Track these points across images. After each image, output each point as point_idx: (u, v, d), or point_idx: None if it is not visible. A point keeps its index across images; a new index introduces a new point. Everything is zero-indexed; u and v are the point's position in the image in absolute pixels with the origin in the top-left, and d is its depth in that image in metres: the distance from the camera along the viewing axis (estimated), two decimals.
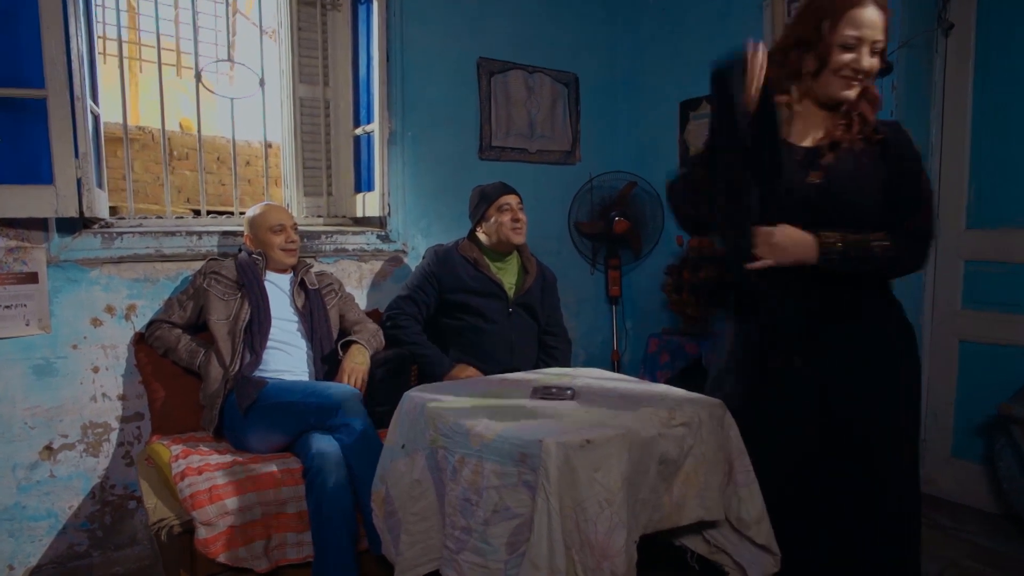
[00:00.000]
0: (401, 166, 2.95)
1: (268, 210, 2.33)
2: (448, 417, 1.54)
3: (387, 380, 2.18)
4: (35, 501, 2.18)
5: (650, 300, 3.61)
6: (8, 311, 2.10)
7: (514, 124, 3.31)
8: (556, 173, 3.47)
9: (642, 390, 1.77)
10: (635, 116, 3.64)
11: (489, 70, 3.20)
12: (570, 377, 1.93)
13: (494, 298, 2.53)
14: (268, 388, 1.98)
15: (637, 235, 3.52)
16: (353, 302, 2.49)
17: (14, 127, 2.03)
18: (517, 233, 2.53)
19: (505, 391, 1.75)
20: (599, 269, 3.67)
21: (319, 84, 2.96)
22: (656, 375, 3.20)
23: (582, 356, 3.64)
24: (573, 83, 3.51)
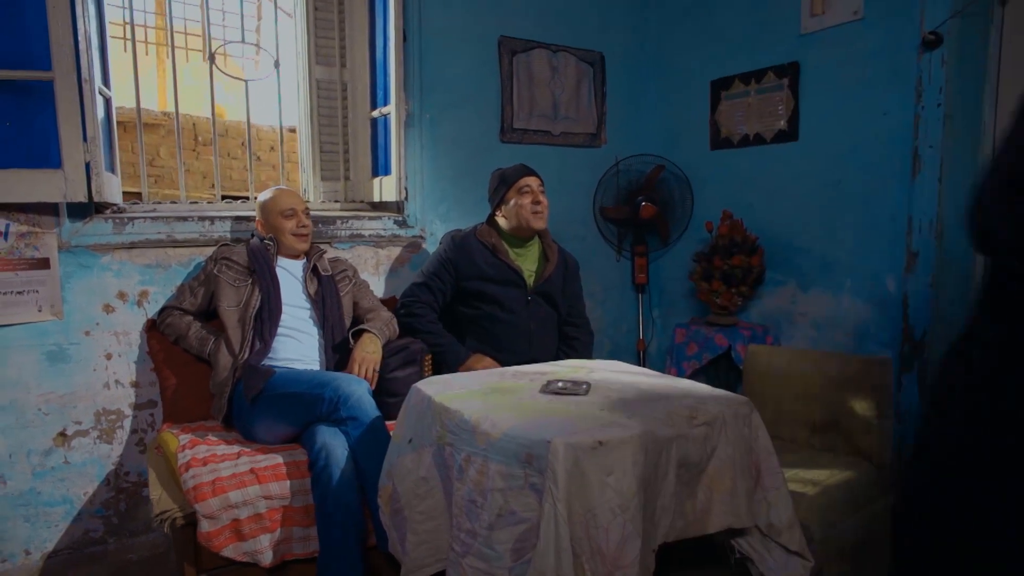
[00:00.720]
0: (419, 149, 2.87)
1: (279, 194, 2.27)
2: (454, 412, 1.46)
3: (400, 370, 2.11)
4: (50, 487, 2.18)
5: (678, 288, 3.48)
6: (20, 297, 2.09)
7: (537, 105, 3.19)
8: (581, 156, 3.35)
9: (663, 385, 1.66)
10: (663, 97, 3.49)
11: (511, 49, 3.09)
12: (587, 370, 1.83)
13: (512, 286, 2.43)
14: (275, 378, 1.93)
15: (665, 220, 3.39)
16: (367, 289, 2.43)
17: (22, 110, 2.00)
18: (537, 217, 2.42)
19: (516, 384, 1.67)
20: (625, 256, 3.55)
21: (336, 65, 2.88)
22: (683, 366, 3.08)
23: (607, 345, 3.53)
24: (599, 62, 3.37)
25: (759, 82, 3.00)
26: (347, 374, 1.93)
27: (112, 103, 2.31)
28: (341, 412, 1.76)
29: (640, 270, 3.49)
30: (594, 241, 3.44)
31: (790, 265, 2.94)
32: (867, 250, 2.64)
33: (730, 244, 2.95)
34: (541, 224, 2.43)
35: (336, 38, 2.88)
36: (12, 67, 1.96)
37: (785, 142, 2.91)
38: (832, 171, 2.74)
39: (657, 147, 3.49)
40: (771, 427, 2.30)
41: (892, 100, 2.51)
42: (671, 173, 3.36)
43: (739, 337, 2.89)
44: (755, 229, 2.98)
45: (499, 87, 3.06)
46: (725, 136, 3.18)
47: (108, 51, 2.29)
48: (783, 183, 2.94)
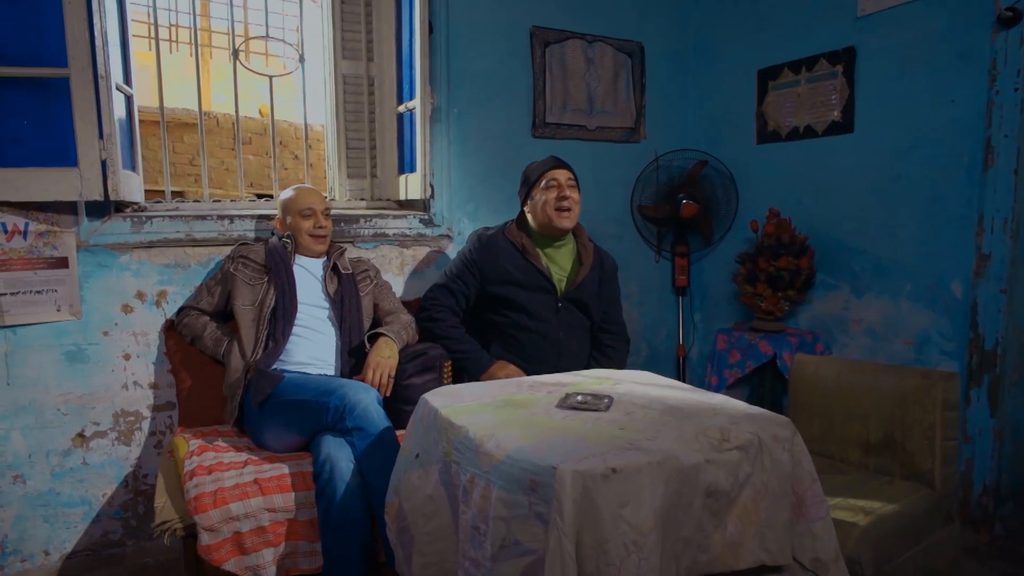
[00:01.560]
0: (446, 145, 2.76)
1: (299, 193, 2.20)
2: (459, 428, 1.34)
3: (416, 377, 2.00)
4: (69, 488, 2.17)
5: (721, 291, 3.28)
6: (39, 296, 2.07)
7: (571, 98, 3.05)
8: (618, 152, 3.19)
9: (694, 401, 1.50)
10: (707, 88, 3.29)
11: (544, 40, 2.95)
12: (612, 382, 1.69)
13: (541, 292, 2.23)
14: (284, 383, 1.85)
15: (707, 219, 3.20)
16: (389, 290, 2.33)
17: (40, 108, 1.98)
18: (563, 215, 2.18)
19: (532, 397, 1.54)
20: (665, 256, 3.37)
21: (362, 60, 2.80)
22: (724, 375, 2.89)
23: (644, 351, 3.36)
24: (637, 53, 3.20)
25: (810, 70, 2.78)
26: (355, 381, 1.84)
27: (134, 101, 2.28)
28: (347, 422, 1.67)
29: (681, 272, 3.31)
30: (632, 241, 3.27)
31: (843, 268, 2.71)
32: (930, 251, 2.41)
33: (777, 245, 2.75)
34: (568, 223, 2.21)
35: (362, 31, 2.80)
36: (29, 64, 1.94)
37: (839, 134, 2.69)
38: (891, 165, 2.51)
39: (699, 142, 3.30)
40: (819, 445, 2.12)
41: (961, 86, 2.27)
42: (714, 169, 3.17)
43: (786, 345, 2.69)
44: (804, 229, 2.77)
45: (531, 80, 2.93)
46: (773, 129, 2.97)
47: (130, 50, 2.26)
48: (836, 179, 2.72)
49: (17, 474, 2.10)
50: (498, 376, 2.09)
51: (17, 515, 2.11)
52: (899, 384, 1.98)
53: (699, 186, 3.17)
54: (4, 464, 2.08)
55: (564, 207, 2.18)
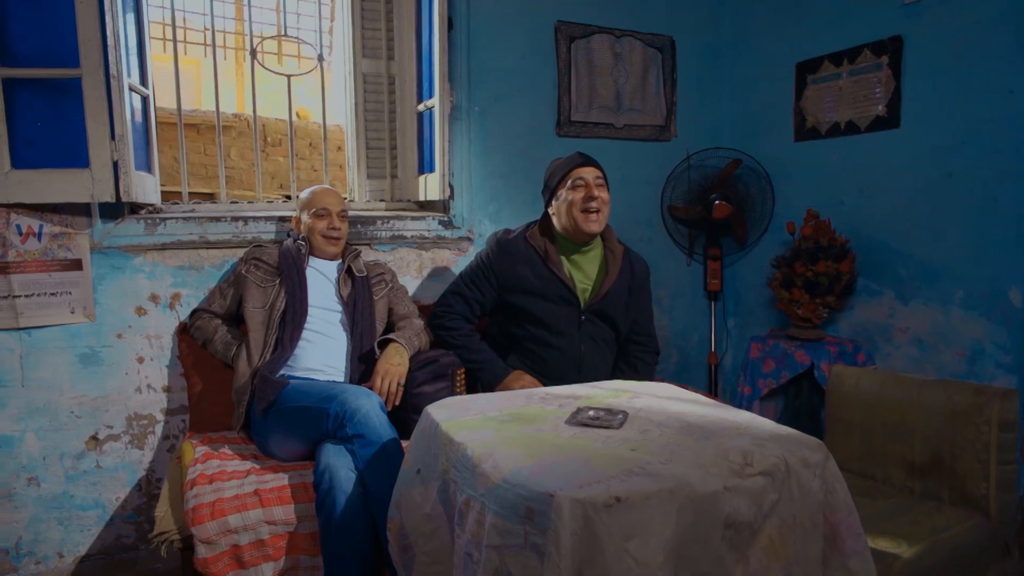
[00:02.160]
0: (467, 144, 2.68)
1: (317, 193, 2.15)
2: (458, 444, 1.25)
3: (427, 385, 1.92)
4: (83, 491, 2.16)
5: (756, 296, 3.12)
6: (54, 298, 2.07)
7: (598, 96, 2.94)
8: (647, 151, 3.07)
9: (717, 419, 1.38)
10: (741, 83, 3.14)
11: (569, 35, 2.85)
12: (630, 395, 1.58)
13: (563, 303, 2.06)
14: (288, 389, 1.79)
15: (741, 221, 3.04)
16: (404, 295, 2.26)
17: (53, 110, 1.97)
18: (590, 219, 1.99)
19: (542, 411, 1.44)
20: (696, 260, 3.23)
21: (383, 58, 2.75)
22: (758, 384, 2.74)
23: (674, 357, 3.22)
24: (668, 47, 3.07)
25: (852, 62, 2.61)
26: (357, 387, 1.76)
27: (151, 102, 2.26)
28: (347, 429, 1.59)
29: (713, 275, 3.16)
30: (662, 243, 3.14)
31: (887, 272, 2.54)
32: (985, 255, 2.22)
33: (815, 248, 2.58)
34: (595, 227, 2.01)
35: (383, 29, 2.74)
36: (43, 65, 1.93)
37: (883, 130, 2.51)
38: (941, 162, 2.33)
39: (733, 139, 3.15)
40: (859, 465, 1.97)
41: (1020, 74, 2.09)
42: (749, 168, 3.02)
43: (824, 354, 2.52)
44: (845, 231, 2.60)
45: (555, 76, 2.83)
46: (811, 125, 2.81)
47: (147, 51, 2.24)
48: (880, 177, 2.54)
49: (32, 476, 2.09)
50: (513, 387, 1.99)
51: (32, 517, 2.11)
52: (949, 400, 1.81)
53: (733, 186, 3.02)
54: (19, 466, 2.08)
55: (592, 208, 1.99)
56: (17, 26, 1.94)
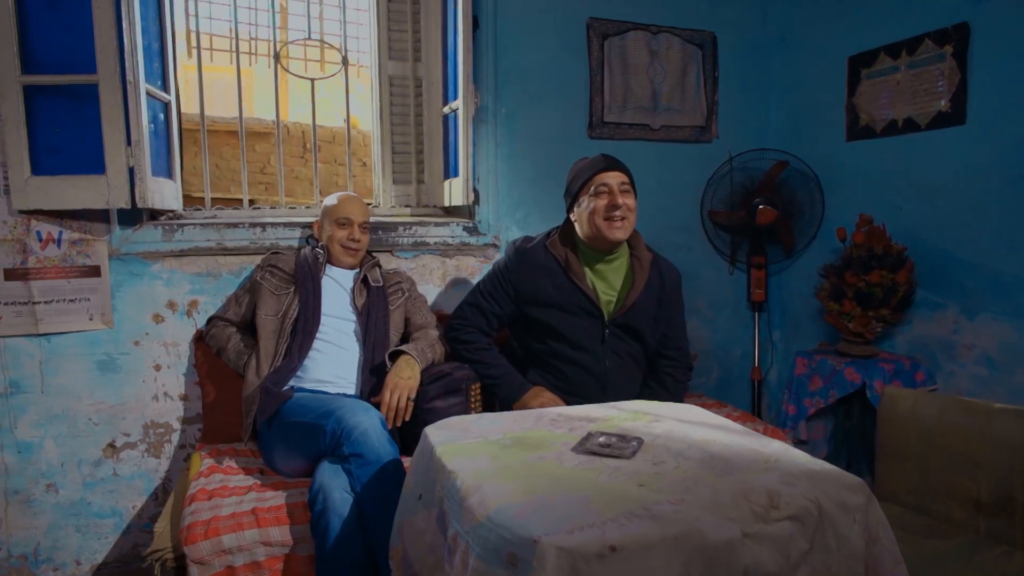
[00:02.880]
0: (493, 147, 2.59)
1: (341, 201, 2.09)
2: (450, 473, 1.14)
3: (440, 400, 1.82)
4: (100, 498, 2.15)
5: (804, 307, 2.92)
6: (72, 304, 2.06)
7: (633, 95, 2.80)
8: (686, 153, 2.90)
9: (744, 450, 1.23)
10: (789, 80, 2.94)
11: (602, 32, 2.72)
12: (650, 418, 1.44)
13: (585, 316, 1.92)
14: (290, 403, 1.72)
15: (788, 227, 2.85)
16: (422, 305, 2.17)
17: (74, 116, 1.97)
18: (614, 226, 1.84)
19: (549, 436, 1.32)
20: (739, 268, 3.04)
21: (409, 60, 2.68)
22: (804, 404, 2.54)
23: (715, 372, 3.04)
24: (709, 44, 2.90)
25: (912, 53, 2.39)
26: (358, 402, 1.67)
27: (172, 108, 2.25)
28: (344, 448, 1.51)
29: (757, 285, 2.97)
30: (702, 251, 2.97)
31: (950, 283, 2.31)
32: None
33: (868, 256, 2.37)
34: (621, 235, 1.87)
35: (409, 31, 2.67)
36: (63, 72, 1.93)
37: (947, 127, 2.29)
38: (1013, 162, 2.10)
39: (780, 140, 2.95)
40: (915, 499, 1.77)
41: None
42: (796, 170, 2.82)
43: (878, 373, 2.31)
44: (902, 237, 2.38)
45: (587, 76, 2.70)
46: (865, 124, 2.60)
47: (170, 57, 2.23)
48: (943, 179, 2.32)
49: (50, 483, 2.09)
50: (531, 405, 1.86)
51: (50, 524, 2.10)
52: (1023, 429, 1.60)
53: (778, 190, 2.83)
54: (38, 472, 2.08)
55: (616, 216, 1.85)
56: (40, 34, 1.94)
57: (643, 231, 2.81)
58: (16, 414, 2.04)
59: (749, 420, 2.30)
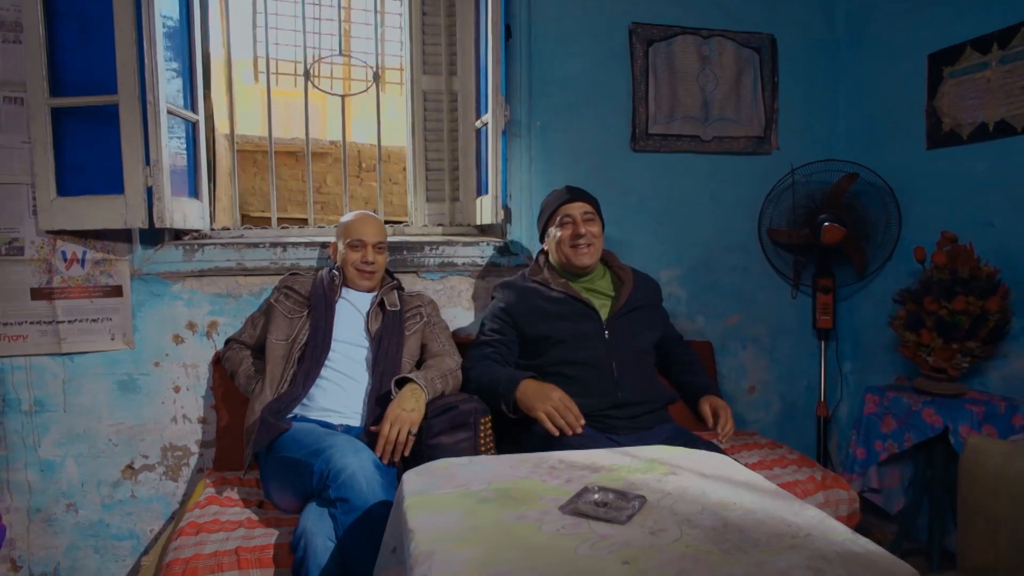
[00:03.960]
0: (527, 163, 2.45)
1: (355, 221, 2.01)
2: (410, 532, 0.99)
3: (446, 435, 1.68)
4: (118, 520, 2.13)
5: (879, 337, 2.60)
6: (95, 324, 2.06)
7: (681, 105, 2.59)
8: (742, 166, 2.67)
9: (769, 518, 1.02)
10: (860, 83, 2.65)
11: (646, 38, 2.54)
12: (666, 469, 1.24)
13: (583, 320, 1.90)
14: (286, 435, 1.62)
15: (859, 246, 2.55)
16: (441, 331, 2.04)
17: (98, 137, 1.98)
18: (580, 252, 1.92)
19: (540, 487, 1.15)
20: (804, 291, 2.75)
21: (442, 74, 2.59)
22: (874, 447, 2.23)
23: (775, 405, 2.75)
24: (767, 47, 2.66)
25: (1004, 46, 2.08)
26: (350, 440, 1.55)
27: (200, 128, 2.24)
28: (330, 491, 1.38)
29: (824, 311, 2.67)
30: (760, 272, 2.71)
31: None
32: None
33: (951, 279, 2.06)
34: (587, 260, 1.93)
35: (443, 44, 2.59)
36: (87, 93, 1.94)
37: None
38: None
39: (849, 150, 2.67)
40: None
41: None
42: (868, 183, 2.52)
43: (964, 415, 1.99)
44: (994, 259, 2.06)
45: (630, 85, 2.52)
46: (949, 129, 2.29)
47: (198, 77, 2.23)
48: None
49: (70, 502, 2.09)
50: (528, 393, 1.68)
51: (70, 544, 2.10)
52: None
53: (847, 205, 2.54)
54: (59, 491, 2.08)
55: (581, 244, 1.93)
56: (68, 57, 1.96)
57: (693, 250, 2.62)
58: (40, 433, 2.05)
59: (807, 464, 2.03)
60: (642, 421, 1.84)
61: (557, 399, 1.66)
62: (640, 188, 2.55)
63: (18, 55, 1.95)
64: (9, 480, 2.04)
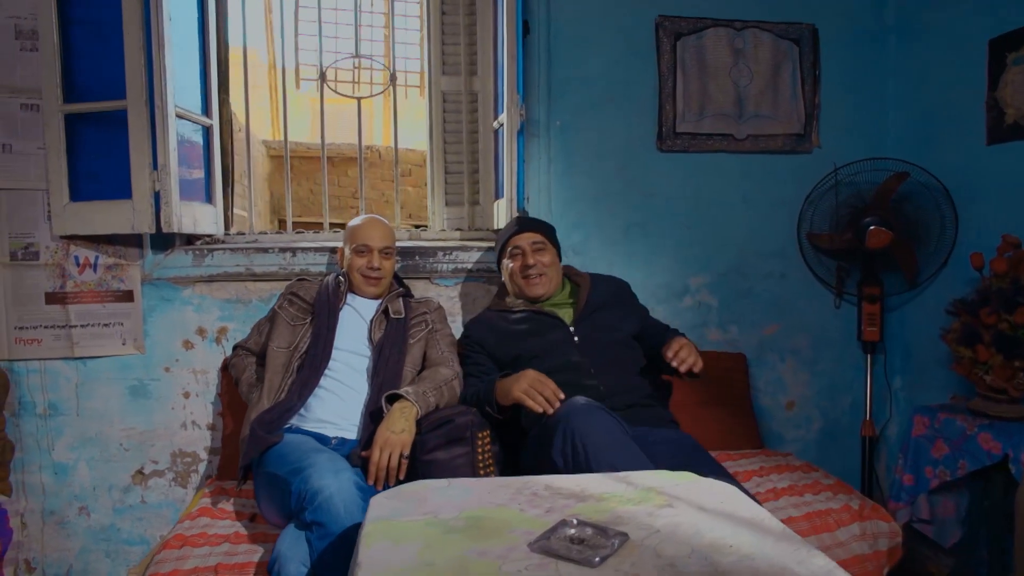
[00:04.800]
0: (546, 164, 2.34)
1: (361, 226, 1.95)
2: (358, 565, 0.91)
3: (441, 451, 1.59)
4: (129, 525, 2.13)
5: (933, 351, 2.37)
6: (107, 329, 2.07)
7: (712, 101, 2.44)
8: (779, 166, 2.50)
9: (766, 565, 0.89)
10: (911, 74, 2.45)
11: (674, 31, 2.40)
12: (663, 501, 1.11)
13: (550, 330, 1.86)
14: (273, 450, 1.56)
15: (909, 251, 2.34)
16: (444, 338, 1.95)
17: (109, 142, 1.97)
18: (532, 283, 1.91)
19: (515, 518, 1.04)
20: (848, 300, 2.55)
21: (461, 75, 2.51)
22: (924, 474, 2.03)
23: (816, 423, 2.56)
24: (808, 38, 2.48)
25: None
26: (333, 458, 1.46)
27: (214, 132, 2.23)
28: (306, 514, 1.31)
29: (870, 321, 2.46)
30: (800, 279, 2.52)
31: None
32: None
33: (1013, 289, 1.85)
34: (539, 291, 1.92)
35: (462, 43, 2.51)
36: (99, 99, 1.95)
37: None
38: None
39: (899, 147, 2.47)
40: None
41: None
42: (919, 183, 2.32)
43: None
44: None
45: (656, 81, 2.39)
46: (1013, 121, 2.07)
47: (213, 81, 2.21)
48: None
49: (83, 505, 2.10)
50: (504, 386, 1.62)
51: (82, 547, 2.11)
52: None
53: (896, 207, 2.34)
54: (71, 495, 2.09)
55: (532, 274, 1.91)
56: (82, 64, 1.98)
57: (725, 256, 2.47)
58: (54, 436, 2.07)
59: (843, 491, 1.85)
60: (637, 415, 1.72)
61: (531, 377, 1.59)
62: (667, 189, 2.41)
63: (35, 63, 1.98)
64: (24, 482, 2.06)
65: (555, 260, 1.96)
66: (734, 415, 2.32)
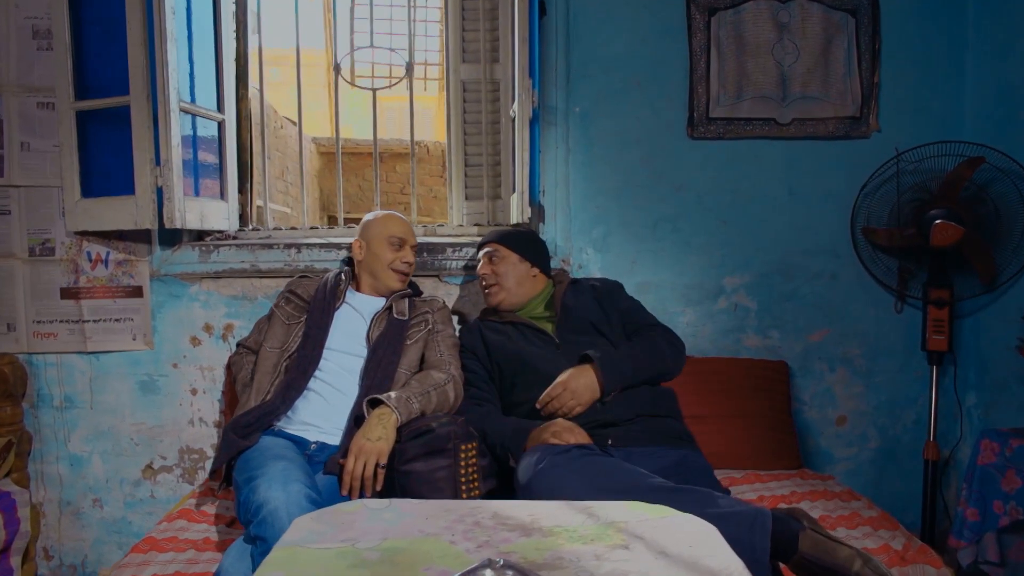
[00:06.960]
0: (564, 154, 2.19)
1: (393, 218, 1.89)
2: None
3: (420, 461, 1.47)
4: (139, 519, 2.14)
5: (1012, 365, 2.06)
6: (118, 324, 2.09)
7: (751, 82, 2.21)
8: (830, 152, 2.24)
9: None
10: (993, 45, 2.13)
11: (708, 6, 2.18)
12: (620, 540, 0.96)
13: (536, 340, 1.79)
14: (243, 455, 1.49)
15: (985, 249, 2.04)
16: (443, 339, 1.83)
17: (118, 139, 1.98)
18: (487, 294, 1.88)
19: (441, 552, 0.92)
20: (912, 303, 2.26)
21: (481, 62, 2.39)
22: (992, 508, 1.74)
23: (874, 441, 2.28)
24: (865, 8, 2.20)
25: None
26: (287, 467, 1.36)
27: (226, 127, 2.21)
28: (252, 527, 1.23)
29: (937, 329, 2.17)
30: (853, 280, 2.26)
31: None
32: None
33: None
34: (493, 301, 1.87)
35: (482, 30, 2.39)
36: (106, 95, 1.96)
37: None
38: None
39: (971, 130, 2.16)
40: None
41: None
42: (997, 169, 2.01)
43: None
44: None
45: (687, 62, 2.18)
46: None
47: (224, 78, 2.19)
48: None
49: (96, 498, 2.13)
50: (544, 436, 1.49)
51: (96, 538, 2.14)
52: None
53: (968, 198, 2.04)
54: (86, 486, 2.13)
55: (485, 286, 1.88)
56: (93, 62, 2.00)
57: (765, 254, 2.25)
58: (70, 428, 2.11)
59: (886, 526, 1.60)
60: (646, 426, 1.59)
61: (559, 425, 1.50)
62: (698, 181, 2.21)
63: (51, 62, 2.01)
64: (43, 472, 2.11)
65: (516, 269, 1.85)
66: (772, 429, 2.08)
